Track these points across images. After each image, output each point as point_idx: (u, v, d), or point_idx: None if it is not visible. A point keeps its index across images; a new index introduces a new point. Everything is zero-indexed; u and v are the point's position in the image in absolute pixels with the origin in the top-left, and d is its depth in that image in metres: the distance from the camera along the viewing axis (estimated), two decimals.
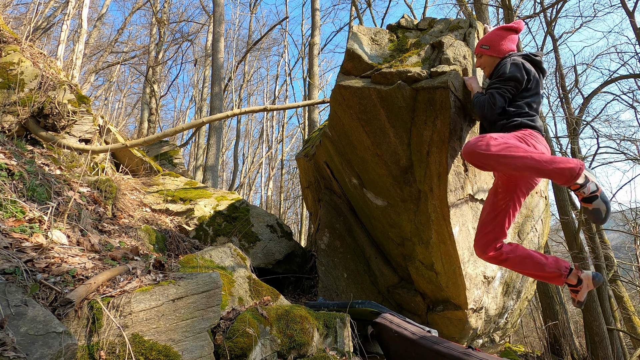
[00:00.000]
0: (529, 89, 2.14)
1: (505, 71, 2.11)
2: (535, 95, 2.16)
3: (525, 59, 2.20)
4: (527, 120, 2.08)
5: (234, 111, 4.51)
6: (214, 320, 1.55)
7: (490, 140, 1.88)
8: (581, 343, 6.76)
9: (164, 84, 15.61)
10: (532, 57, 2.21)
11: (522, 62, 2.13)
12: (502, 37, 2.27)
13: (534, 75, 2.15)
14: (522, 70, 2.10)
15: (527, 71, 2.12)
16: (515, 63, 2.12)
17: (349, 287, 3.33)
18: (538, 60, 2.22)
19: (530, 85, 2.13)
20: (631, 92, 10.83)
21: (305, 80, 11.78)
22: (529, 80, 2.13)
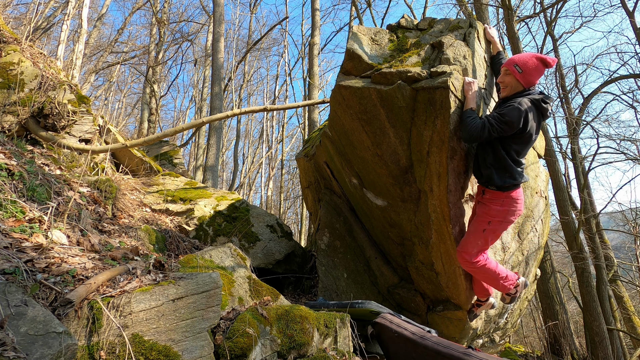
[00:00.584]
0: (522, 136, 2.22)
1: (507, 113, 2.17)
2: (527, 142, 2.27)
3: (535, 104, 2.23)
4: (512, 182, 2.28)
5: (234, 111, 4.51)
6: (214, 320, 1.55)
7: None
8: (581, 343, 6.76)
9: (164, 84, 15.61)
10: (541, 104, 2.23)
11: (526, 112, 2.17)
12: (536, 69, 2.27)
13: (531, 125, 2.21)
14: (522, 119, 2.16)
15: (525, 122, 2.18)
16: (519, 109, 2.16)
17: (349, 287, 3.33)
18: (545, 108, 2.25)
19: (524, 134, 2.21)
20: (631, 92, 10.84)
21: (305, 80, 11.78)
22: (524, 130, 2.20)
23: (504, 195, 2.30)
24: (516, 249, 3.13)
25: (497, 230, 2.36)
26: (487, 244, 2.38)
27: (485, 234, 2.35)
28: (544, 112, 2.27)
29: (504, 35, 7.37)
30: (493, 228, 2.34)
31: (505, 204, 2.31)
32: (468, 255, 2.39)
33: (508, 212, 2.32)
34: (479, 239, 2.37)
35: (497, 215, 2.32)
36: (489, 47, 2.82)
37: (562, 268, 12.24)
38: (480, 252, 2.39)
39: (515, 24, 6.54)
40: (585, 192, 7.61)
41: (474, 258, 2.38)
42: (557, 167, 6.74)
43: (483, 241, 2.37)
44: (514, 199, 2.31)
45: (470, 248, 2.39)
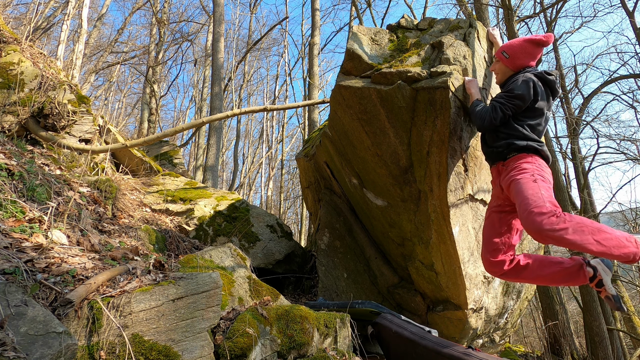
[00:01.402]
0: (534, 109, 2.08)
1: (515, 88, 2.07)
2: (539, 116, 2.11)
3: (539, 77, 2.15)
4: (535, 144, 2.01)
5: (234, 111, 4.51)
6: (214, 320, 1.55)
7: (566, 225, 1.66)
8: (581, 343, 6.75)
9: (164, 84, 15.61)
10: (545, 76, 2.15)
11: (533, 81, 2.08)
12: (524, 51, 2.20)
13: (542, 95, 2.09)
14: (531, 89, 2.05)
15: (535, 91, 2.07)
16: (526, 80, 2.07)
17: (349, 287, 3.33)
18: (551, 80, 2.15)
19: (537, 106, 2.09)
20: (631, 92, 10.83)
21: (305, 80, 11.78)
22: (535, 101, 2.08)
23: (530, 156, 1.99)
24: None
25: (545, 183, 1.87)
26: (552, 196, 1.82)
27: (538, 184, 1.84)
28: (551, 86, 2.15)
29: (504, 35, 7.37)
30: (540, 179, 1.87)
31: (534, 162, 1.96)
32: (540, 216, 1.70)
33: (542, 169, 1.93)
34: (539, 190, 1.81)
35: (533, 170, 1.92)
36: (490, 48, 2.82)
37: None
38: (552, 205, 1.75)
39: (515, 24, 6.54)
40: (585, 192, 7.62)
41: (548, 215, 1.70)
42: (557, 167, 6.74)
43: (544, 190, 1.81)
44: (541, 162, 1.98)
45: (540, 203, 1.75)
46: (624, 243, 1.71)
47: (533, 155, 2.01)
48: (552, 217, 1.70)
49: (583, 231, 1.69)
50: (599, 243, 1.69)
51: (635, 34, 6.88)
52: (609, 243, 1.70)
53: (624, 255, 1.70)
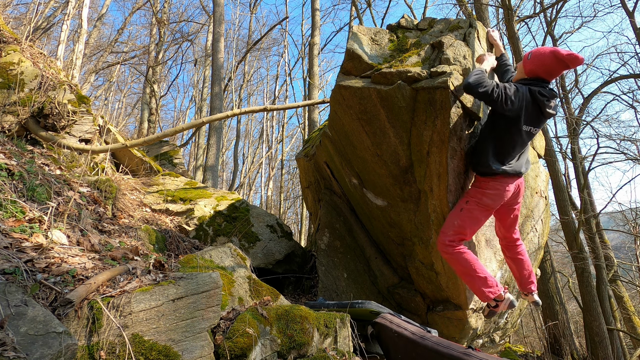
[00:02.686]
0: (510, 122, 2.20)
1: (509, 87, 2.19)
2: (512, 134, 2.23)
3: (532, 93, 2.18)
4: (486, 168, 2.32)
5: (234, 111, 4.51)
6: (214, 320, 1.55)
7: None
8: (581, 343, 6.75)
9: (164, 84, 15.61)
10: (538, 95, 2.17)
11: (519, 94, 2.15)
12: (542, 60, 2.21)
13: (517, 112, 2.16)
14: (509, 98, 2.13)
15: (512, 102, 2.13)
16: (516, 88, 2.17)
17: (349, 287, 3.33)
18: (540, 100, 2.17)
19: (512, 118, 2.18)
20: (631, 92, 10.82)
21: (305, 80, 11.78)
22: (511, 111, 2.16)
23: (482, 180, 2.36)
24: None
25: (474, 211, 2.30)
26: (464, 227, 2.30)
27: (462, 214, 2.31)
28: (541, 106, 2.18)
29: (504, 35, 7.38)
30: (470, 208, 2.30)
31: (481, 187, 2.34)
32: (444, 235, 2.32)
33: (484, 195, 2.30)
34: (456, 218, 2.32)
35: (474, 195, 2.33)
36: (490, 48, 2.82)
37: (562, 268, 12.25)
38: (457, 234, 2.30)
39: (515, 24, 6.54)
40: (585, 192, 7.62)
41: (449, 239, 2.29)
42: (557, 167, 6.74)
43: (460, 221, 2.30)
44: (492, 185, 2.30)
45: (447, 227, 2.33)
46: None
47: (487, 178, 2.34)
48: (443, 242, 2.32)
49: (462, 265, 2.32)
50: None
51: (635, 34, 6.88)
52: (472, 287, 2.36)
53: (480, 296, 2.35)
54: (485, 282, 2.30)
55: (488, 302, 2.40)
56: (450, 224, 2.33)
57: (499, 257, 2.95)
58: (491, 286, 2.32)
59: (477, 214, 2.32)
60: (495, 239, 2.84)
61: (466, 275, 2.34)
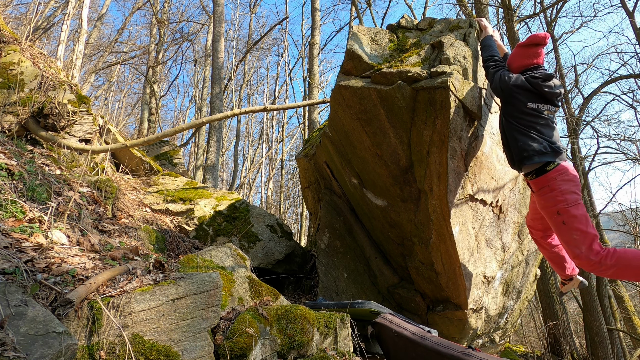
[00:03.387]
0: (512, 106, 2.22)
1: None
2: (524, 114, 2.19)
3: (526, 78, 2.21)
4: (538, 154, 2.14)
5: (234, 111, 4.51)
6: (214, 320, 1.55)
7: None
8: (581, 343, 6.75)
9: (164, 84, 15.61)
10: (531, 78, 2.20)
11: (507, 79, 2.22)
12: (517, 55, 2.33)
13: (515, 96, 2.19)
14: (500, 85, 2.22)
15: (504, 90, 2.21)
16: (509, 77, 2.24)
17: (349, 287, 3.33)
18: (535, 83, 2.19)
19: (514, 104, 2.20)
20: (631, 92, 10.82)
21: (305, 80, 11.78)
22: (508, 97, 2.21)
23: (545, 180, 2.05)
24: (516, 249, 3.13)
25: (574, 213, 1.97)
26: (586, 232, 1.95)
27: (568, 225, 1.98)
28: (538, 89, 2.17)
29: (504, 35, 7.38)
30: (567, 215, 1.98)
31: (553, 188, 2.02)
32: (582, 259, 1.95)
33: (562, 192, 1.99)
34: (571, 233, 1.97)
35: (557, 202, 2.01)
36: None
37: None
38: (588, 244, 1.93)
39: (515, 24, 6.54)
40: (585, 192, 7.61)
41: (593, 255, 1.91)
42: None
43: (577, 233, 1.95)
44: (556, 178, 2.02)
45: (575, 248, 1.97)
46: None
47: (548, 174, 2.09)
48: (587, 262, 2.00)
49: None
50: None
51: (635, 34, 6.87)
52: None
53: None
54: None
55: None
56: (571, 243, 1.98)
57: (499, 257, 2.95)
58: None
59: (575, 210, 2.00)
60: (495, 239, 2.84)
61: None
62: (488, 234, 2.84)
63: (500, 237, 3.00)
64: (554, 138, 2.15)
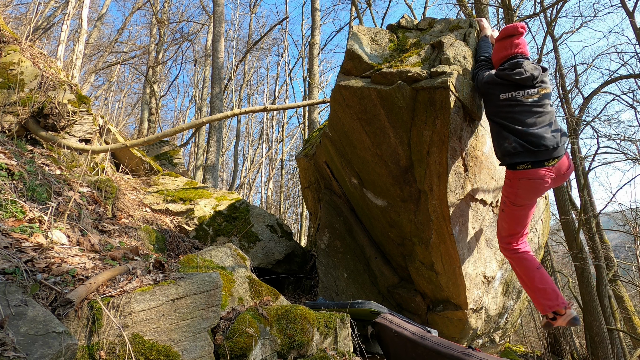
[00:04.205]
0: (488, 102, 2.29)
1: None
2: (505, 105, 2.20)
3: (497, 74, 2.24)
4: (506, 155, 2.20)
5: (234, 111, 4.51)
6: (214, 320, 1.55)
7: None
8: (581, 343, 6.75)
9: (164, 84, 15.61)
10: (502, 71, 2.23)
11: (481, 76, 2.31)
12: (496, 50, 2.38)
13: (488, 91, 2.25)
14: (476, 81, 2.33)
15: (481, 86, 2.28)
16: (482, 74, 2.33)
17: (349, 287, 3.33)
18: (506, 75, 2.19)
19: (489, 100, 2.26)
20: (631, 92, 10.82)
21: (305, 80, 11.78)
22: (485, 94, 2.29)
23: (511, 175, 2.21)
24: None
25: (514, 212, 2.29)
26: (512, 227, 2.33)
27: (504, 215, 2.34)
28: (507, 79, 2.18)
29: None
30: (508, 208, 2.30)
31: (512, 185, 2.21)
32: (500, 238, 2.43)
33: (516, 194, 2.21)
34: (502, 220, 2.37)
35: (508, 195, 2.27)
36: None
37: (562, 268, 12.25)
38: (510, 236, 2.36)
39: None
40: (585, 192, 7.61)
41: (505, 242, 2.37)
42: None
43: (506, 224, 2.35)
44: (519, 180, 2.16)
45: (500, 230, 2.42)
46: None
47: (515, 171, 2.19)
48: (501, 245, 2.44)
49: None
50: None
51: (635, 34, 6.87)
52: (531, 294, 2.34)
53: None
54: (545, 294, 2.24)
55: (545, 313, 2.29)
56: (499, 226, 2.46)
57: (499, 257, 2.95)
58: (552, 299, 2.22)
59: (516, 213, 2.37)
60: (495, 239, 2.84)
61: (527, 282, 2.35)
62: (488, 234, 2.84)
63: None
64: (533, 132, 2.07)
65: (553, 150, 2.06)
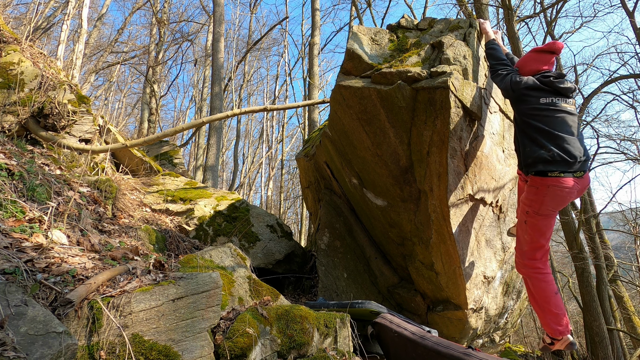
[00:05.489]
0: (520, 105, 2.23)
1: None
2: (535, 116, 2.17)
3: (539, 80, 2.21)
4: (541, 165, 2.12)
5: (234, 111, 4.51)
6: (214, 320, 1.55)
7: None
8: (581, 343, 6.76)
9: (164, 84, 15.60)
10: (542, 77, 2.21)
11: (517, 80, 2.24)
12: (529, 59, 2.34)
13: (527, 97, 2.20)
14: (510, 84, 2.25)
15: (512, 88, 2.23)
16: (514, 77, 2.27)
17: (349, 287, 3.33)
18: (547, 82, 2.18)
19: (524, 105, 2.21)
20: (631, 92, 10.83)
21: (305, 80, 11.78)
22: (518, 98, 2.23)
23: (539, 182, 2.10)
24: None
25: (538, 222, 2.14)
26: (536, 240, 2.15)
27: (527, 226, 2.16)
28: (551, 85, 2.17)
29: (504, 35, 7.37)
30: (531, 220, 2.14)
31: (539, 192, 2.10)
32: (521, 254, 2.22)
33: (542, 202, 2.08)
34: (524, 233, 2.19)
35: (531, 204, 2.13)
36: None
37: (562, 268, 12.25)
38: (534, 250, 2.18)
39: (515, 24, 6.54)
40: (586, 192, 7.60)
41: (528, 257, 2.18)
42: None
43: (529, 236, 2.17)
44: (549, 187, 2.06)
45: (520, 244, 2.22)
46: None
47: (546, 179, 2.09)
48: (521, 262, 2.24)
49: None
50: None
51: (635, 34, 6.87)
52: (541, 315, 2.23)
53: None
54: (557, 319, 2.17)
55: (546, 337, 2.26)
56: (520, 240, 2.28)
57: (499, 257, 2.95)
58: (560, 324, 2.17)
59: (541, 224, 2.18)
60: (495, 239, 2.84)
61: (540, 304, 2.21)
62: (488, 234, 2.84)
63: (500, 237, 3.00)
64: (570, 141, 2.07)
65: (582, 163, 2.09)
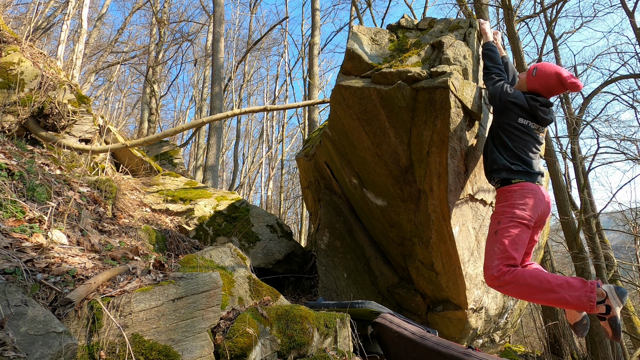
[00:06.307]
0: (503, 118, 2.22)
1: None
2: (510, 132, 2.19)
3: (526, 99, 2.19)
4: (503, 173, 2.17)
5: (234, 111, 4.51)
6: (214, 320, 1.55)
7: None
8: (581, 343, 6.75)
9: (164, 84, 15.61)
10: (530, 100, 2.19)
11: (507, 94, 2.21)
12: (546, 79, 2.20)
13: (505, 110, 2.20)
14: (498, 96, 2.23)
15: (499, 101, 2.22)
16: (507, 90, 2.25)
17: (349, 287, 3.33)
18: (533, 106, 2.16)
19: (505, 117, 2.20)
20: (631, 92, 10.82)
21: (305, 80, 11.78)
22: (500, 110, 2.22)
23: (505, 190, 2.11)
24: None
25: (510, 230, 2.00)
26: (507, 250, 1.97)
27: (498, 236, 2.03)
28: (534, 111, 2.17)
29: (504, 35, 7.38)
30: (503, 227, 2.02)
31: (508, 199, 2.07)
32: (488, 270, 1.99)
33: (513, 206, 2.03)
34: (494, 244, 2.03)
35: (503, 212, 2.06)
36: None
37: (562, 268, 12.25)
38: (502, 261, 1.96)
39: (515, 24, 6.54)
40: (585, 192, 7.61)
41: (495, 270, 1.95)
42: (557, 167, 6.73)
43: (499, 246, 2.00)
44: (516, 191, 2.06)
45: (489, 259, 2.03)
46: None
47: (509, 186, 2.14)
48: (491, 276, 1.99)
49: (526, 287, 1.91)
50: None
51: (635, 34, 6.87)
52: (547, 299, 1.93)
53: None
54: (562, 287, 1.84)
55: (590, 308, 1.82)
56: (489, 253, 2.05)
57: None
58: (576, 287, 1.82)
59: (515, 231, 2.02)
60: None
61: (534, 295, 1.91)
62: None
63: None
64: (533, 163, 2.16)
65: (541, 177, 2.19)
